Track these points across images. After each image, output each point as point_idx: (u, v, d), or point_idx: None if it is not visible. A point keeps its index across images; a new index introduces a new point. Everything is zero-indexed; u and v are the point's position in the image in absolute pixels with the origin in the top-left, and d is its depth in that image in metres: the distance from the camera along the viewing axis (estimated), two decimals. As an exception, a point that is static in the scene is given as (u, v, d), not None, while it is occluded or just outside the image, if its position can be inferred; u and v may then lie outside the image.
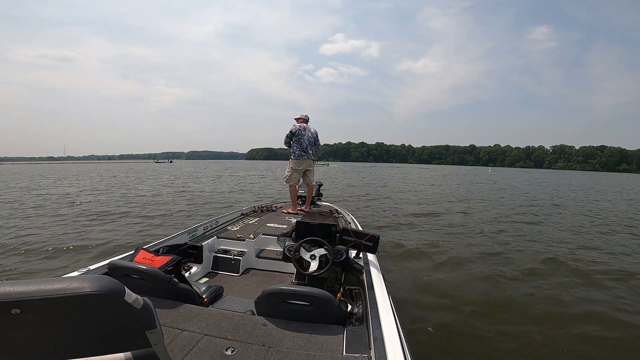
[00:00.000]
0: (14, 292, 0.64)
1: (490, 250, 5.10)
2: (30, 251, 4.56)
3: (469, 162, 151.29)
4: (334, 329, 1.39)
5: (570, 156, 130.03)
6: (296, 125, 4.72)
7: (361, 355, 1.22)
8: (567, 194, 16.37)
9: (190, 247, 2.68)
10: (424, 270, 4.11)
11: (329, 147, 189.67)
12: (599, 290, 3.60)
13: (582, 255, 4.94)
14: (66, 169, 41.07)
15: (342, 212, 4.42)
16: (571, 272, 4.12)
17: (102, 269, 1.78)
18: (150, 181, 18.88)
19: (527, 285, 3.69)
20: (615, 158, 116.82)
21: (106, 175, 25.41)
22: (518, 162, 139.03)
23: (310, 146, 4.78)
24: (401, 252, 4.83)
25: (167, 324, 1.39)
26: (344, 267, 2.25)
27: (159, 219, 7.18)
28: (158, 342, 0.82)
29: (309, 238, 2.16)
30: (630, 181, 36.81)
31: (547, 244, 5.54)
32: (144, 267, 1.60)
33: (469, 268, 4.21)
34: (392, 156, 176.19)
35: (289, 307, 1.45)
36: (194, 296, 1.71)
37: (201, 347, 1.25)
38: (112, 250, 4.59)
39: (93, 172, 31.38)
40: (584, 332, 2.69)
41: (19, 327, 0.69)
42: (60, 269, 3.86)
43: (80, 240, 5.18)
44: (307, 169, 4.83)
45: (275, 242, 2.90)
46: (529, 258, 4.70)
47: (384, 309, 1.48)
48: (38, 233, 5.64)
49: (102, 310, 0.73)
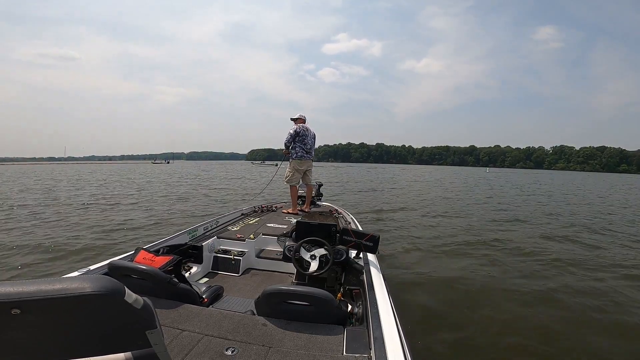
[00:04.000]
0: (14, 292, 0.64)
1: (486, 249, 5.10)
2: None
3: (469, 163, 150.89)
4: (334, 329, 1.39)
5: (571, 157, 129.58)
6: (298, 125, 4.71)
7: (361, 355, 1.22)
8: (533, 190, 16.57)
9: (190, 247, 2.68)
10: (424, 270, 4.10)
11: (329, 147, 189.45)
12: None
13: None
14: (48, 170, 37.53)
15: (342, 212, 4.42)
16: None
17: (102, 269, 1.78)
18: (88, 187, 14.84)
19: (534, 281, 3.70)
20: (615, 159, 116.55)
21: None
22: (518, 163, 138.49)
23: (312, 147, 4.83)
24: (401, 252, 4.83)
25: (167, 324, 1.39)
26: (344, 267, 2.25)
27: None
28: (158, 342, 0.82)
29: (309, 238, 2.16)
30: (618, 181, 36.73)
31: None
32: (144, 267, 1.60)
33: (469, 268, 4.21)
34: (392, 157, 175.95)
35: (289, 307, 1.45)
36: (194, 296, 1.71)
37: (201, 347, 1.25)
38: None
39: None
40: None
41: (19, 328, 0.69)
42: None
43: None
44: (307, 169, 4.87)
45: (275, 242, 2.90)
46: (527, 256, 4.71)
47: (384, 309, 1.48)
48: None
49: (102, 311, 0.73)
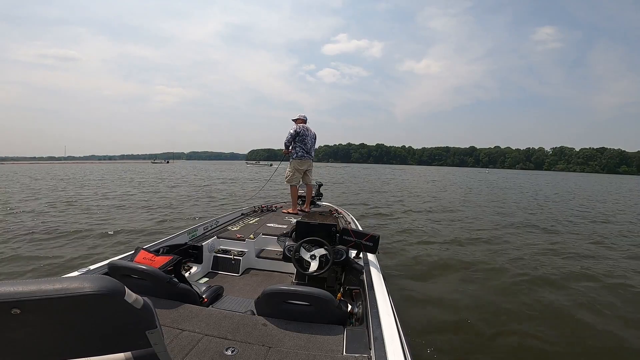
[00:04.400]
0: (14, 292, 0.64)
1: (487, 249, 5.11)
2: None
3: (468, 164, 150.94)
4: (334, 329, 1.39)
5: (571, 158, 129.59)
6: (298, 126, 4.71)
7: (361, 355, 1.22)
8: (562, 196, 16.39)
9: (190, 247, 2.68)
10: (424, 270, 4.10)
11: (328, 148, 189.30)
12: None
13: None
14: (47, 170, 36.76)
15: (342, 212, 4.42)
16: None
17: (102, 269, 1.78)
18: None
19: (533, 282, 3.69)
20: (615, 160, 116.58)
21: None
22: (518, 164, 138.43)
23: (312, 147, 4.83)
24: (401, 252, 4.83)
25: (167, 324, 1.39)
26: (344, 267, 2.25)
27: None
28: (158, 342, 0.82)
29: (309, 238, 2.16)
30: (607, 182, 36.59)
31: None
32: (144, 267, 1.60)
33: (469, 267, 4.20)
34: (392, 157, 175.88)
35: (289, 307, 1.45)
36: (194, 296, 1.71)
37: (201, 347, 1.25)
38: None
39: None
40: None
41: (19, 327, 0.69)
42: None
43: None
44: (307, 169, 4.87)
45: (275, 242, 2.90)
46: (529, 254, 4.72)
47: (384, 309, 1.48)
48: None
49: (102, 310, 0.73)
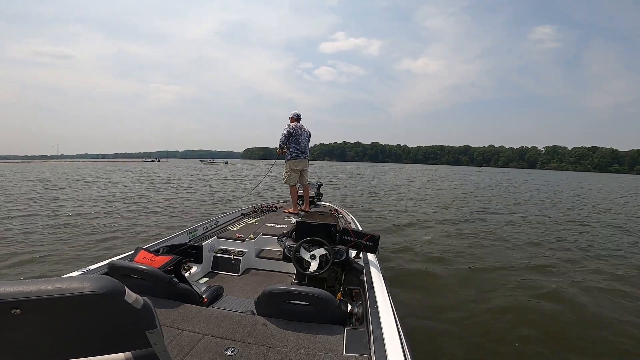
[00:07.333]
0: (14, 292, 0.64)
1: (487, 250, 5.15)
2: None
3: (463, 162, 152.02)
4: (334, 329, 1.39)
5: (563, 157, 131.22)
6: (292, 124, 4.55)
7: (361, 355, 1.22)
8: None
9: (190, 247, 2.67)
10: (424, 270, 4.12)
11: (324, 146, 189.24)
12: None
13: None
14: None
15: (342, 212, 4.42)
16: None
17: (102, 269, 1.77)
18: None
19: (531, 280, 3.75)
20: (607, 159, 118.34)
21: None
22: (511, 163, 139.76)
23: (307, 146, 4.72)
24: (401, 251, 4.85)
25: (167, 324, 1.38)
26: (344, 267, 2.25)
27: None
28: (158, 342, 0.82)
29: (309, 238, 2.16)
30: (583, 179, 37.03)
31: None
32: (144, 267, 1.60)
33: (469, 268, 4.24)
34: (387, 156, 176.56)
35: (289, 307, 1.45)
36: (194, 296, 1.70)
37: (201, 347, 1.24)
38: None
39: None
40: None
41: (19, 327, 0.68)
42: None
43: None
44: (303, 169, 4.77)
45: (275, 242, 2.89)
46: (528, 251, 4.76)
47: (384, 309, 1.48)
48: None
49: (102, 310, 0.72)
